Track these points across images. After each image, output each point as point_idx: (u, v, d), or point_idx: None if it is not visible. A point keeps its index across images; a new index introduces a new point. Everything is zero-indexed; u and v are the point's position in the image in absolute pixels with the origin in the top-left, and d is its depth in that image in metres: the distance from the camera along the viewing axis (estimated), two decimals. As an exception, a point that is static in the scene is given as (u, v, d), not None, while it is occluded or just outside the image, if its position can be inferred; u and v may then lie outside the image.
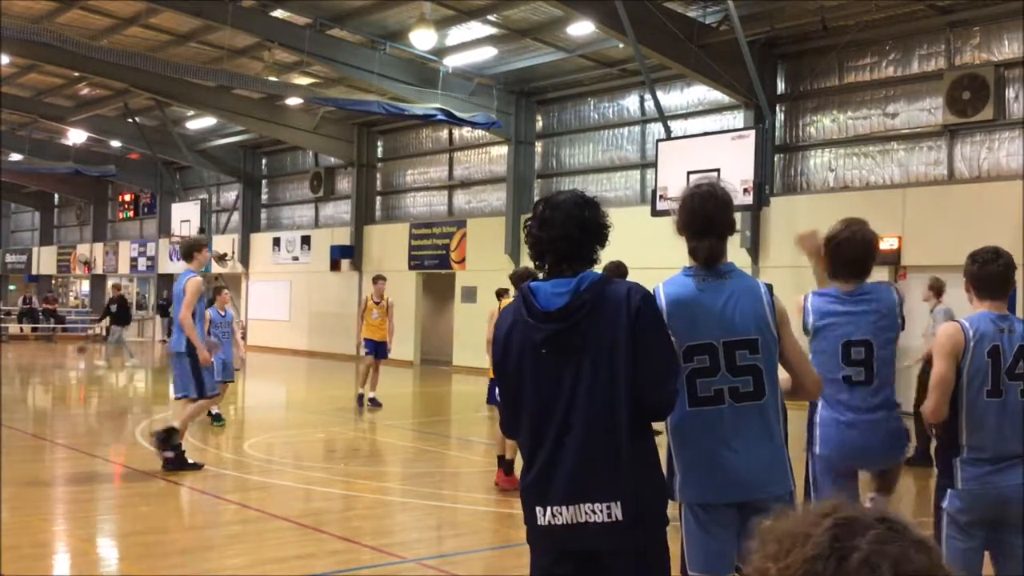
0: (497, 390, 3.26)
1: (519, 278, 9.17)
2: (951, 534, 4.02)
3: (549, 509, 2.96)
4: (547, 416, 2.99)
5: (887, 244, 15.68)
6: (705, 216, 3.42)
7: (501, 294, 11.85)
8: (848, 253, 4.33)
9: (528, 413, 3.04)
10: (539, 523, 3.00)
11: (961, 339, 3.98)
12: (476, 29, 19.29)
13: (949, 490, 4.03)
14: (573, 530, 2.93)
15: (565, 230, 3.06)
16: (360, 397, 15.05)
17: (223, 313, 13.00)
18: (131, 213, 38.58)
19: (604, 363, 2.95)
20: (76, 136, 30.63)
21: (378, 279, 15.74)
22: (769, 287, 3.47)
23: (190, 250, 9.77)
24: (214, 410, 12.61)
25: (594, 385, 2.94)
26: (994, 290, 4.11)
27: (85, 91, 27.21)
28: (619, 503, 2.90)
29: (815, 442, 4.39)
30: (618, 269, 9.14)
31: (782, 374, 3.49)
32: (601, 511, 2.91)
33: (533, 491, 3.02)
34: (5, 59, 22.36)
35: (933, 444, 4.78)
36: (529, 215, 3.22)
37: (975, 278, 4.16)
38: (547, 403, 2.99)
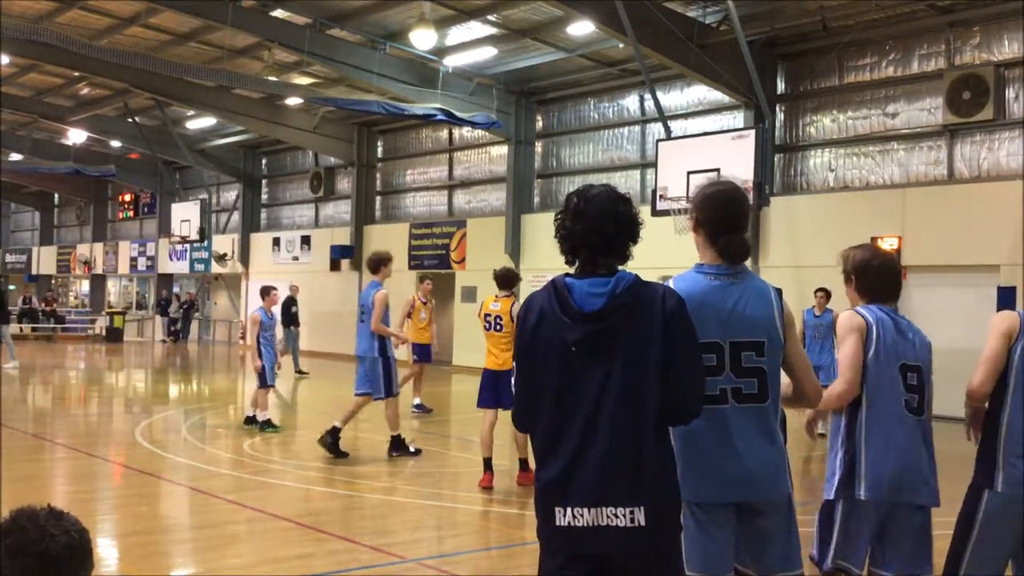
0: (512, 382, 3.18)
1: (504, 277, 9.27)
2: (983, 538, 3.91)
3: (570, 510, 2.91)
4: (571, 416, 2.94)
5: (887, 244, 15.69)
6: (737, 212, 3.47)
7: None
8: (889, 275, 4.11)
9: (550, 411, 2.99)
10: (557, 523, 2.94)
11: (1016, 322, 3.98)
12: (476, 29, 19.29)
13: (987, 491, 3.94)
14: (593, 533, 2.90)
15: (599, 223, 3.03)
16: (420, 406, 14.77)
17: (271, 315, 12.68)
18: (131, 213, 38.61)
19: (634, 366, 2.92)
20: (76, 136, 30.65)
21: (425, 278, 15.43)
22: (779, 291, 3.47)
23: (377, 264, 10.59)
24: (265, 416, 12.43)
25: (623, 388, 2.91)
26: None
27: (85, 91, 27.22)
28: (642, 508, 2.88)
29: (858, 484, 3.83)
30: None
31: (784, 379, 3.47)
32: (624, 515, 2.88)
33: (553, 491, 2.96)
34: (5, 59, 22.36)
35: None
36: (559, 210, 3.16)
37: None
38: (572, 403, 2.95)
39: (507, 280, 9.30)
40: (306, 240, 29.16)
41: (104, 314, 35.36)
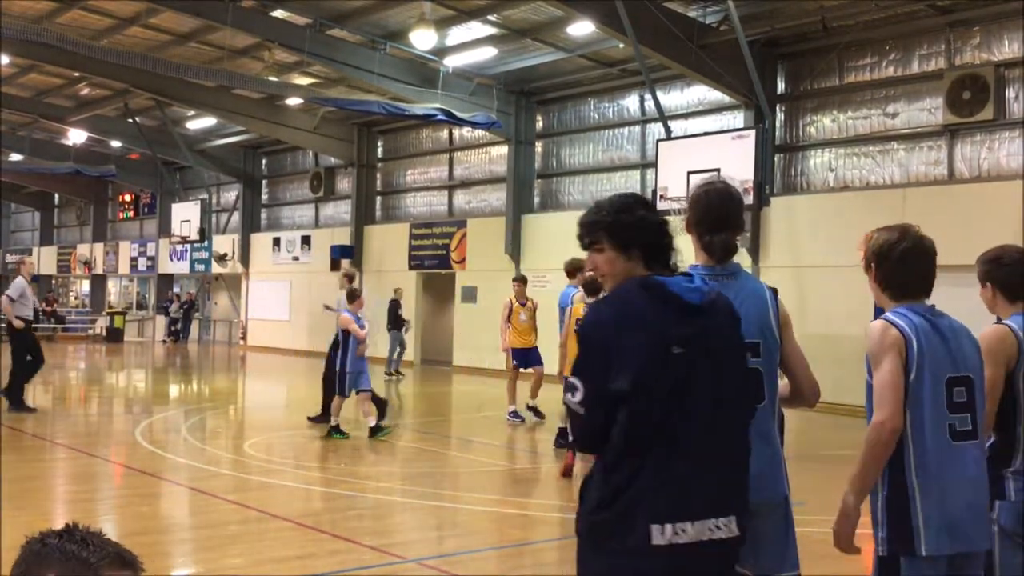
0: (575, 398, 2.74)
1: (592, 283, 9.00)
2: (1006, 547, 3.67)
3: (671, 526, 2.63)
4: (672, 422, 2.67)
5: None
6: (722, 211, 3.42)
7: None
8: (919, 263, 3.40)
9: (643, 419, 2.67)
10: (654, 543, 2.62)
11: (1014, 341, 3.67)
12: (476, 29, 19.29)
13: (998, 502, 3.62)
14: (695, 549, 2.65)
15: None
16: (514, 412, 13.65)
17: (360, 319, 11.93)
18: (131, 213, 38.61)
19: (735, 365, 2.83)
20: (76, 136, 30.64)
21: (519, 279, 14.32)
22: (774, 291, 3.46)
23: (574, 269, 11.15)
24: (372, 421, 11.82)
25: (731, 389, 2.78)
26: None
27: (85, 91, 27.22)
28: (735, 518, 2.73)
29: (918, 537, 3.16)
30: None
31: (781, 379, 3.47)
32: (725, 526, 2.70)
33: (647, 506, 2.64)
34: (5, 59, 22.36)
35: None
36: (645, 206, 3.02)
37: None
38: (673, 407, 2.67)
39: (595, 287, 9.08)
40: (306, 240, 29.16)
41: (104, 314, 35.39)
